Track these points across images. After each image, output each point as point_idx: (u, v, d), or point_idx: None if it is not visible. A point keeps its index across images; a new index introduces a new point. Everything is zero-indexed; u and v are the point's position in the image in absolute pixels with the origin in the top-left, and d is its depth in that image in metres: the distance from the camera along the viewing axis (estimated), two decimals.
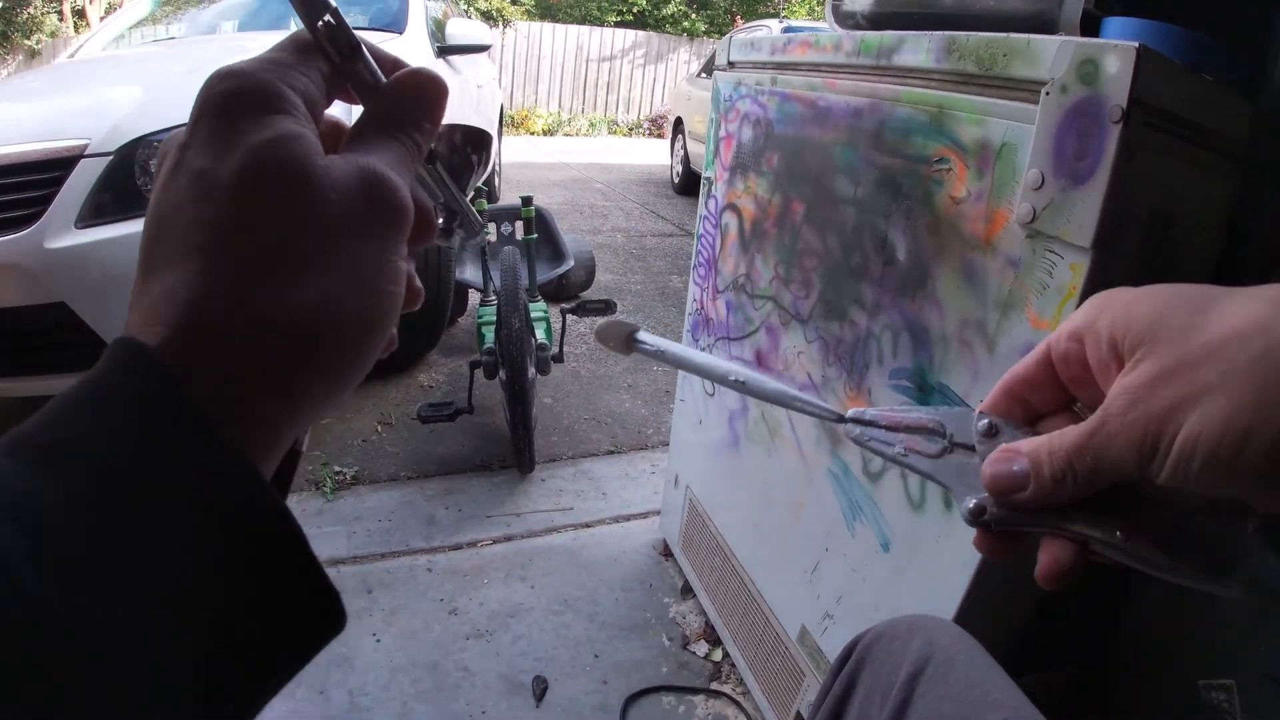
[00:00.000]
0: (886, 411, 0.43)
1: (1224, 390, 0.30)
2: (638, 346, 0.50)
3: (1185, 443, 0.31)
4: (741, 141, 1.52)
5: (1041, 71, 0.84)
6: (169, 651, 0.25)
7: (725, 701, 1.67)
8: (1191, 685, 0.98)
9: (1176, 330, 0.32)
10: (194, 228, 0.29)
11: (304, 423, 0.32)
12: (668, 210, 7.21)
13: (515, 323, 2.26)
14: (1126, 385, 0.33)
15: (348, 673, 1.66)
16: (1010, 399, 0.41)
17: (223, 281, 0.29)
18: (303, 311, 0.30)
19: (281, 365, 0.30)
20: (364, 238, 0.32)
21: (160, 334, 0.28)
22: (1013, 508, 0.37)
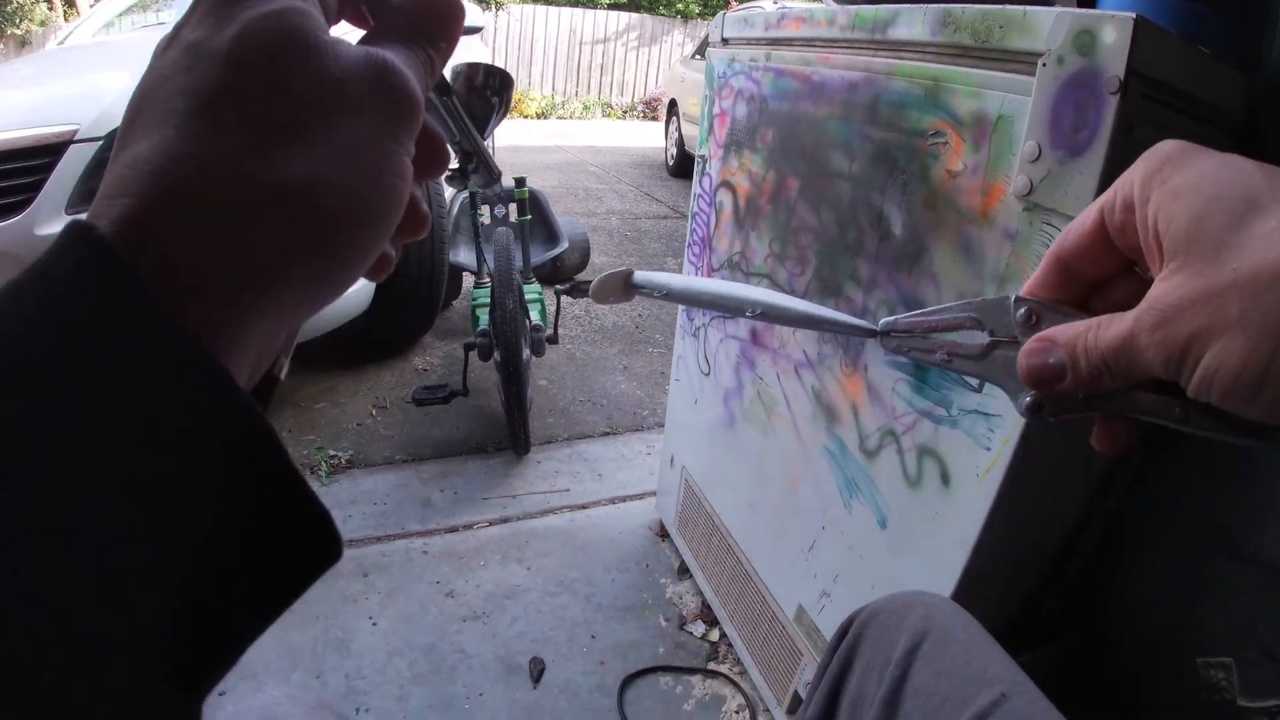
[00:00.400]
0: (918, 316, 0.41)
1: (1245, 328, 0.29)
2: (638, 290, 0.47)
3: (1204, 373, 0.31)
4: (736, 118, 1.51)
5: (1038, 43, 0.83)
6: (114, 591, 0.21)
7: (722, 681, 1.68)
8: (1190, 663, 0.98)
9: (1209, 247, 0.31)
10: (178, 95, 0.27)
11: (282, 322, 0.29)
12: (662, 192, 7.18)
13: (509, 304, 2.25)
14: (1156, 299, 0.32)
15: (344, 656, 1.66)
16: (1062, 273, 0.39)
17: (202, 146, 0.26)
18: (293, 186, 0.27)
19: (264, 247, 0.26)
20: (367, 122, 0.29)
21: (122, 206, 0.25)
22: (1058, 398, 0.37)
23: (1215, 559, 0.96)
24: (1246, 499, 0.92)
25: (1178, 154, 0.34)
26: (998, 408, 0.91)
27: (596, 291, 0.49)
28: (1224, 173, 0.32)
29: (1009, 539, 1.00)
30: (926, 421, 1.03)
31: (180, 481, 0.23)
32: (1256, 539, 0.90)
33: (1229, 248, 0.30)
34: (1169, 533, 1.02)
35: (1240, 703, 0.92)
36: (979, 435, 0.94)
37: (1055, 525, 1.10)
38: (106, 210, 0.25)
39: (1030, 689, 0.62)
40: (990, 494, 0.94)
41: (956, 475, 1.00)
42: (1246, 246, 0.30)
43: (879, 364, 1.12)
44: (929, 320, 0.41)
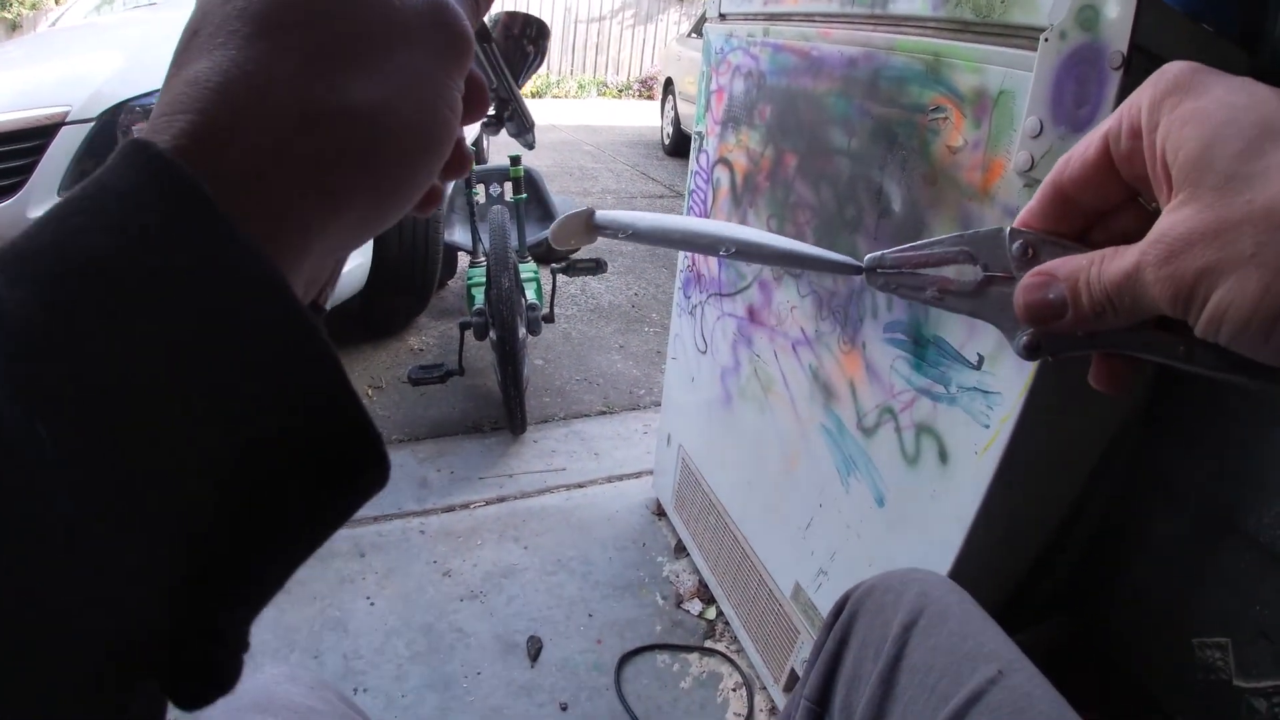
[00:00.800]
0: (907, 251, 0.39)
1: (1260, 265, 0.28)
2: (600, 230, 0.45)
3: (1214, 311, 0.29)
4: (733, 95, 1.50)
5: (1040, 18, 0.82)
6: (173, 494, 0.22)
7: (719, 659, 1.68)
8: (1186, 643, 0.99)
9: (1221, 176, 0.29)
10: (238, 17, 0.27)
11: (337, 245, 0.29)
12: (658, 172, 7.15)
13: (505, 283, 2.24)
14: (1164, 233, 0.31)
15: (342, 636, 1.66)
16: (1061, 204, 0.37)
17: (265, 66, 0.26)
18: (358, 112, 0.27)
19: (323, 167, 0.27)
20: (425, 55, 0.30)
21: (183, 122, 0.25)
22: (1057, 336, 0.35)
23: (1213, 539, 0.96)
24: (1245, 480, 0.92)
25: (1188, 76, 0.32)
26: (997, 385, 0.91)
27: (556, 234, 0.46)
28: (1238, 98, 0.30)
29: (1006, 517, 1.00)
30: (925, 399, 1.03)
31: (240, 387, 0.23)
32: (1255, 520, 0.90)
33: (1242, 178, 0.29)
34: (1167, 513, 1.02)
35: (1236, 683, 0.93)
36: (977, 413, 0.94)
37: (1053, 504, 1.10)
38: (166, 127, 0.25)
39: (1027, 666, 0.62)
40: (988, 472, 0.94)
41: (954, 453, 0.99)
42: (1261, 177, 0.28)
43: (877, 341, 1.12)
44: (918, 255, 0.39)
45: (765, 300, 1.43)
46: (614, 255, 4.40)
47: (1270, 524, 0.88)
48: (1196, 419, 0.97)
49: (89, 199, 0.23)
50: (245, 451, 0.23)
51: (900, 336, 1.06)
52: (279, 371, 0.24)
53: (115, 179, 0.23)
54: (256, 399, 0.23)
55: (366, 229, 0.30)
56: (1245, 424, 0.92)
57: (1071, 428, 0.99)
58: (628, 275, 4.15)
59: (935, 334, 0.99)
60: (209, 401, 0.22)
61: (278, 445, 0.24)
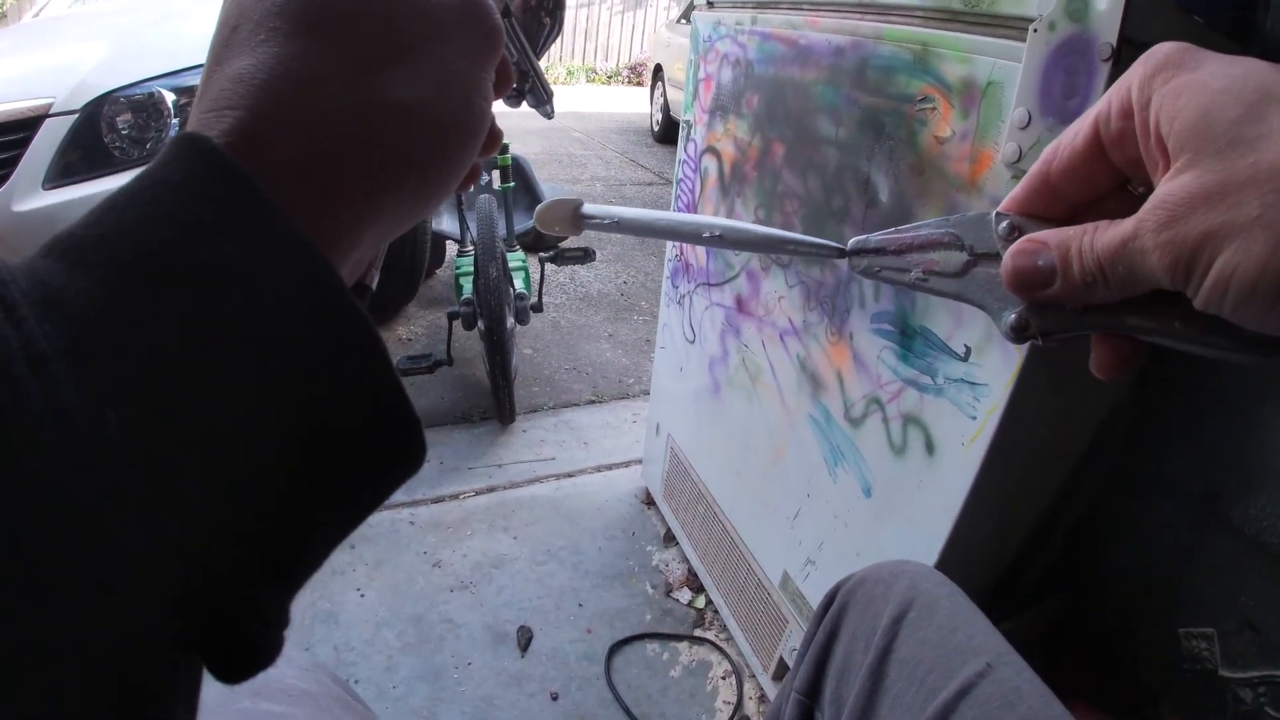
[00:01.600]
0: (891, 234, 0.39)
1: (1266, 226, 0.27)
2: (587, 222, 0.45)
3: (1219, 277, 0.28)
4: (721, 83, 1.49)
5: (1029, 8, 0.81)
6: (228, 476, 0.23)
7: (709, 648, 1.69)
8: (1173, 633, 0.99)
9: (1222, 141, 0.28)
10: (277, 14, 0.27)
11: (384, 234, 0.31)
12: (647, 159, 7.13)
13: (493, 272, 2.24)
14: (1164, 198, 0.29)
15: (332, 628, 1.66)
16: (1047, 194, 0.36)
17: (309, 64, 0.27)
18: (401, 109, 0.28)
19: (369, 161, 0.28)
20: (459, 49, 0.31)
21: (231, 119, 0.26)
22: (1044, 306, 0.34)
23: (1199, 529, 0.97)
24: (1232, 470, 0.92)
25: (1179, 54, 0.31)
26: (984, 376, 0.91)
27: (542, 217, 0.47)
28: (1232, 69, 0.30)
29: (994, 507, 1.00)
30: (912, 390, 1.03)
31: (293, 374, 0.24)
32: (1241, 511, 0.91)
33: (1245, 141, 0.28)
34: (1154, 502, 1.03)
35: (1221, 673, 0.94)
36: (964, 404, 0.94)
37: (1040, 494, 1.10)
38: (215, 122, 0.26)
39: (1015, 659, 0.62)
40: (975, 463, 0.94)
41: (941, 444, 1.00)
42: (1265, 139, 0.27)
43: (865, 332, 1.11)
44: (902, 238, 0.38)
45: (753, 290, 1.43)
46: (602, 244, 4.39)
47: (1256, 515, 0.89)
48: (1184, 409, 0.98)
49: (145, 190, 0.24)
50: (296, 435, 0.24)
51: (888, 327, 1.06)
52: (331, 360, 0.25)
53: (169, 172, 0.24)
54: (309, 386, 0.24)
55: (411, 217, 0.32)
56: (1232, 415, 0.92)
57: (1058, 419, 1.00)
58: (616, 264, 4.14)
59: (923, 325, 0.99)
60: (264, 388, 0.23)
61: (327, 430, 0.25)
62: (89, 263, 0.22)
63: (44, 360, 0.20)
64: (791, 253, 0.42)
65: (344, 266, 0.28)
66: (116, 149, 2.13)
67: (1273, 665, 0.88)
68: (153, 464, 0.21)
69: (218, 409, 0.22)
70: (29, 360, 0.20)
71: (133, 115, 2.15)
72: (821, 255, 0.41)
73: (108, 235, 0.22)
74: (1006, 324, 0.35)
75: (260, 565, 0.24)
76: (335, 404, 0.25)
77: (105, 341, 0.21)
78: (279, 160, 0.26)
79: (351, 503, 0.27)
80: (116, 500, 0.20)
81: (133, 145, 2.15)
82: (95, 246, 0.22)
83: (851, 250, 0.40)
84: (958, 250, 0.37)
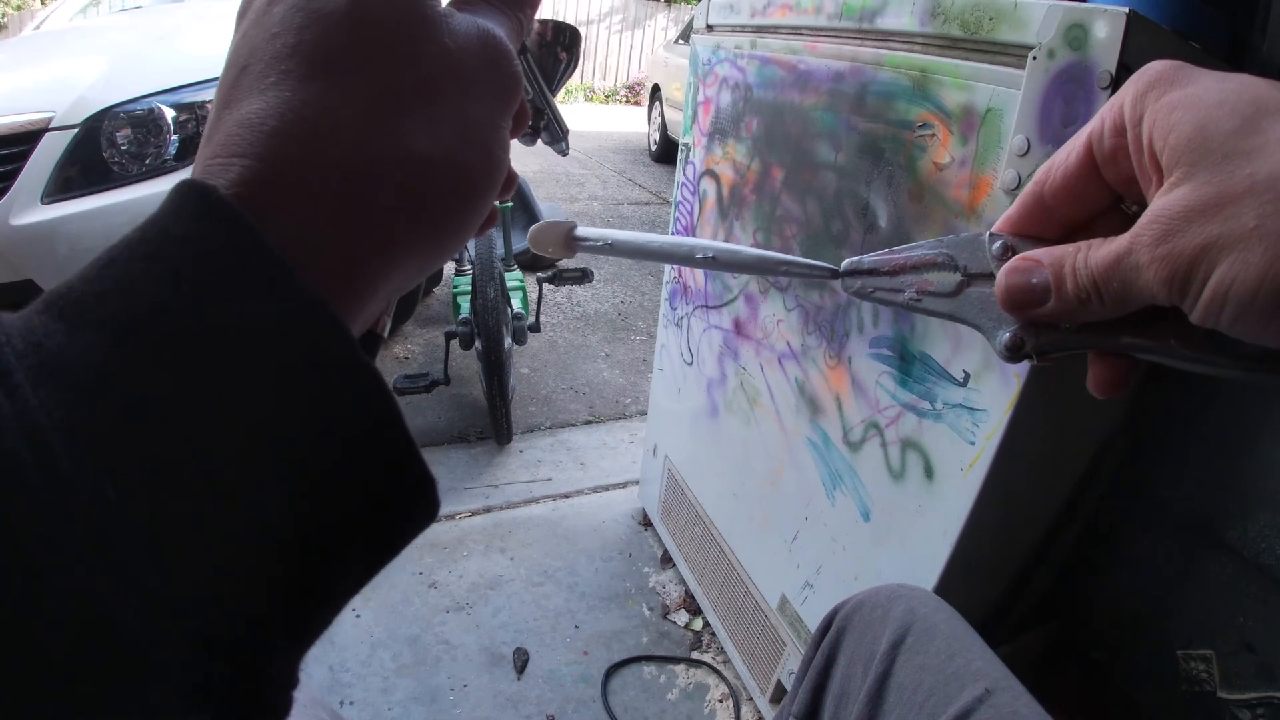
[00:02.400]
0: (885, 255, 0.38)
1: (1264, 238, 0.26)
2: (580, 245, 0.45)
3: (1216, 290, 0.27)
4: (720, 106, 1.50)
5: (1029, 36, 0.82)
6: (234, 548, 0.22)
7: (706, 671, 1.68)
8: (1170, 654, 0.99)
9: (1218, 154, 0.28)
10: (292, 56, 0.26)
11: (398, 286, 0.29)
12: (645, 178, 7.16)
13: (491, 292, 2.24)
14: (1160, 211, 0.29)
15: (328, 649, 1.65)
16: (1041, 213, 0.35)
17: (323, 110, 0.25)
18: (419, 161, 0.27)
19: (385, 215, 0.26)
20: (479, 98, 0.30)
21: (239, 167, 0.24)
22: (1039, 325, 0.34)
23: (1197, 551, 0.97)
24: (1229, 492, 0.92)
25: (1171, 72, 0.31)
26: (983, 402, 0.91)
27: (535, 239, 0.46)
28: (1226, 84, 0.29)
29: (992, 532, 1.00)
30: (910, 414, 1.03)
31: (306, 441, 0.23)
32: (1238, 532, 0.91)
33: (1241, 153, 0.27)
34: (1152, 525, 1.03)
35: (1220, 695, 0.93)
36: (963, 429, 0.94)
37: (1039, 518, 1.10)
38: (222, 171, 0.24)
39: (1014, 685, 0.62)
40: (974, 488, 0.94)
41: (940, 469, 1.00)
42: (1261, 151, 0.27)
43: (864, 356, 1.12)
44: (896, 259, 0.38)
45: (752, 313, 1.43)
46: (599, 264, 4.40)
47: (1254, 537, 0.89)
48: (1180, 433, 0.98)
49: (148, 243, 0.22)
50: (306, 505, 0.23)
51: (886, 352, 1.07)
52: (342, 428, 0.24)
53: (172, 223, 0.23)
54: (319, 455, 0.23)
55: (427, 268, 0.30)
56: (1228, 438, 0.93)
57: (1057, 443, 1.00)
58: (614, 284, 4.15)
59: (922, 350, 1.00)
60: (270, 457, 0.22)
61: (338, 499, 0.24)
62: (91, 322, 0.21)
63: (39, 431, 0.19)
64: (785, 274, 0.41)
65: (357, 323, 0.28)
66: (115, 164, 2.14)
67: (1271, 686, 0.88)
68: (155, 537, 0.20)
69: (223, 480, 0.21)
70: (23, 432, 0.19)
71: (132, 131, 2.16)
72: (815, 276, 0.40)
73: (108, 294, 0.21)
74: (1001, 343, 0.35)
75: (268, 633, 0.23)
76: (347, 472, 0.24)
77: (103, 411, 0.20)
78: (289, 213, 0.24)
79: (362, 563, 0.26)
80: (116, 575, 0.19)
81: (132, 161, 2.16)
82: (97, 305, 0.21)
83: (845, 271, 0.39)
84: (951, 271, 0.36)
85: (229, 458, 0.21)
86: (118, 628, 0.19)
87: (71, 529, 0.19)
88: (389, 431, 0.25)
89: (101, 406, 0.20)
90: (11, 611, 0.18)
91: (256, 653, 0.23)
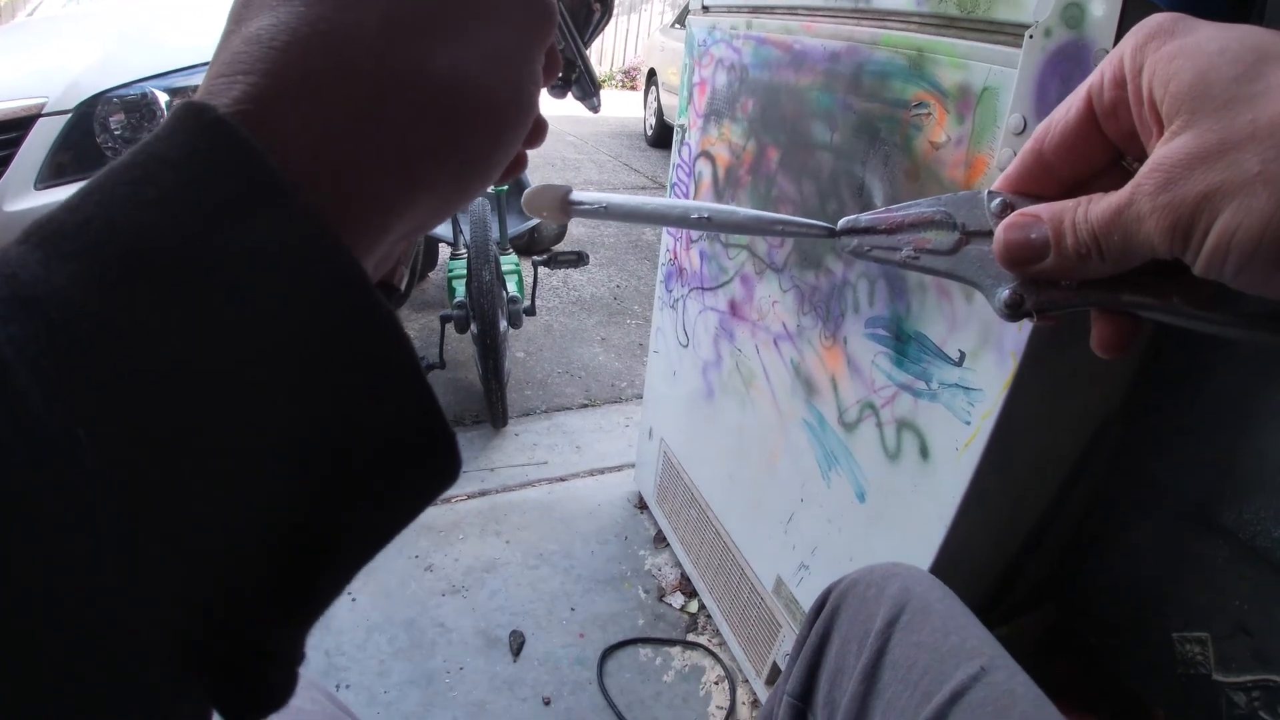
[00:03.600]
0: (882, 213, 0.38)
1: (1268, 183, 0.25)
2: (575, 209, 0.44)
3: (1219, 238, 0.27)
4: (716, 87, 1.49)
5: (1025, 14, 0.82)
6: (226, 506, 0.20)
7: (702, 653, 1.68)
8: (1166, 637, 1.00)
9: (1220, 101, 0.27)
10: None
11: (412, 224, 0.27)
12: (641, 163, 7.13)
13: (486, 276, 2.23)
14: (1161, 160, 0.28)
15: (324, 633, 1.65)
16: (1040, 170, 0.35)
17: (338, 23, 0.23)
18: (441, 82, 0.25)
19: (400, 139, 0.24)
20: (510, 26, 0.28)
21: (243, 85, 0.22)
22: (1039, 282, 0.33)
23: (1192, 534, 0.97)
24: (1225, 475, 0.92)
25: (1171, 23, 0.30)
26: (979, 382, 0.91)
27: (530, 201, 0.45)
28: (1227, 33, 0.29)
29: (987, 513, 1.00)
30: (906, 395, 1.03)
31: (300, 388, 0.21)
32: (1233, 516, 0.91)
33: (1243, 99, 0.27)
34: (1148, 507, 1.03)
35: (1215, 678, 0.94)
36: (959, 409, 0.94)
37: (1034, 499, 1.10)
38: (225, 89, 0.22)
39: (1009, 663, 0.62)
40: (970, 468, 0.94)
41: (936, 449, 1.00)
42: (1264, 96, 0.26)
43: (859, 337, 1.12)
44: (893, 217, 0.37)
45: (747, 295, 1.43)
46: (595, 247, 4.39)
47: (1249, 520, 0.89)
48: (1177, 415, 0.98)
49: (138, 167, 0.20)
50: (308, 457, 0.21)
51: (882, 332, 1.06)
52: (350, 369, 0.22)
53: (167, 147, 0.21)
54: (322, 399, 0.21)
55: (446, 208, 0.28)
56: (1225, 420, 0.93)
57: (1053, 424, 1.00)
58: (610, 267, 4.14)
59: (917, 330, 1.00)
60: (268, 402, 0.20)
61: (344, 449, 0.22)
62: (67, 253, 0.19)
63: (7, 369, 0.17)
64: (780, 233, 0.41)
65: (369, 260, 0.25)
66: (109, 149, 2.13)
67: (1267, 669, 0.88)
68: (135, 494, 0.18)
69: (214, 428, 0.19)
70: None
71: (125, 115, 2.15)
72: (811, 235, 0.40)
73: (92, 221, 0.19)
74: (1000, 300, 0.34)
75: (268, 606, 0.21)
76: (354, 420, 0.22)
77: (81, 349, 0.18)
78: (296, 134, 0.22)
79: (372, 527, 0.24)
80: (90, 532, 0.17)
81: (125, 146, 2.14)
82: (76, 234, 0.19)
83: (841, 230, 0.39)
84: (949, 229, 0.36)
85: (217, 403, 0.19)
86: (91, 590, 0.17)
87: (40, 477, 0.17)
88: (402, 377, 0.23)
89: (77, 345, 0.18)
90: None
91: (252, 626, 0.21)
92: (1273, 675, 0.88)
